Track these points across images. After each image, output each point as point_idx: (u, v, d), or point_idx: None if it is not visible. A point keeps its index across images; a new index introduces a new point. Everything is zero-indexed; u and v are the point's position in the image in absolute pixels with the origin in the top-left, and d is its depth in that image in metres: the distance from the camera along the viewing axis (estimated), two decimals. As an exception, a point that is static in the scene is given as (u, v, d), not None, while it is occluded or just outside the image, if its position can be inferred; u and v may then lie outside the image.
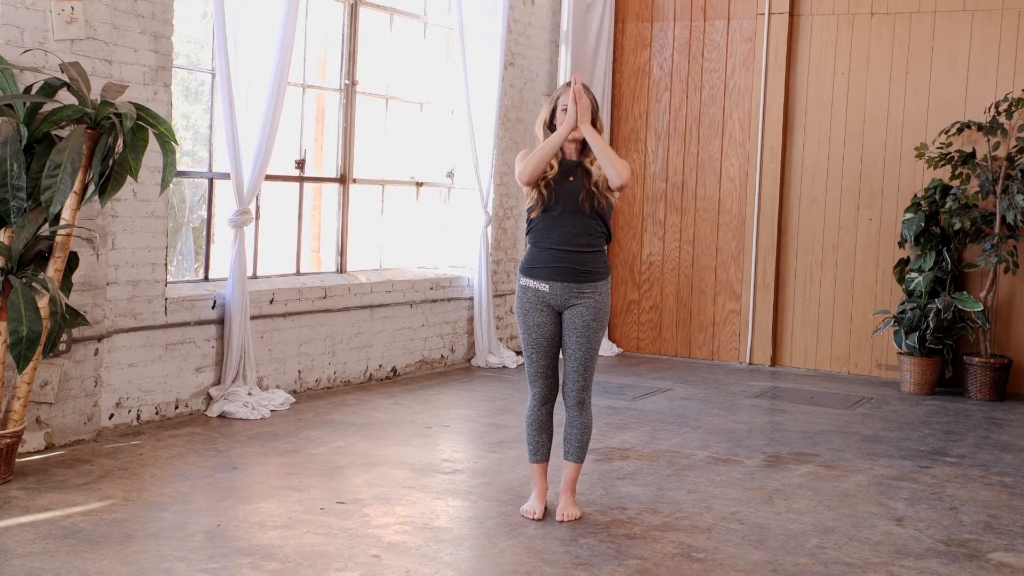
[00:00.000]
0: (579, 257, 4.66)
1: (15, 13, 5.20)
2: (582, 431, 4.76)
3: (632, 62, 9.79)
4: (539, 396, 4.78)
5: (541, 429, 4.82)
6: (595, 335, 4.71)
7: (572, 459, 4.77)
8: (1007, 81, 8.43)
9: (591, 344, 4.70)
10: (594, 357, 4.73)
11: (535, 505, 4.77)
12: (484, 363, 8.64)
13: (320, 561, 4.06)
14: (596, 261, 4.71)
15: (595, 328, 4.70)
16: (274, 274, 7.28)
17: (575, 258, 4.66)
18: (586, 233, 4.66)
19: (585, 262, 4.67)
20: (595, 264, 4.71)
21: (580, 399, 4.74)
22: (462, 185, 8.85)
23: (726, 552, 4.37)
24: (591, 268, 4.69)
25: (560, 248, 4.66)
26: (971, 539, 4.67)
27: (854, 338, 9.01)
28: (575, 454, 4.77)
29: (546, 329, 4.71)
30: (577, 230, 4.66)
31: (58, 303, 4.91)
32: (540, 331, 4.70)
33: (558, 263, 4.67)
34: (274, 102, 6.61)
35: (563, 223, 4.66)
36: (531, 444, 4.82)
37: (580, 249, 4.66)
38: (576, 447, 4.76)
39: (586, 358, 4.70)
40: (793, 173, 9.20)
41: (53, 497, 4.70)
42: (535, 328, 4.71)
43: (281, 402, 6.70)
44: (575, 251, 4.66)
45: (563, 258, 4.66)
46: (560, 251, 4.66)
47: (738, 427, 6.81)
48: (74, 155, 4.90)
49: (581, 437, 4.76)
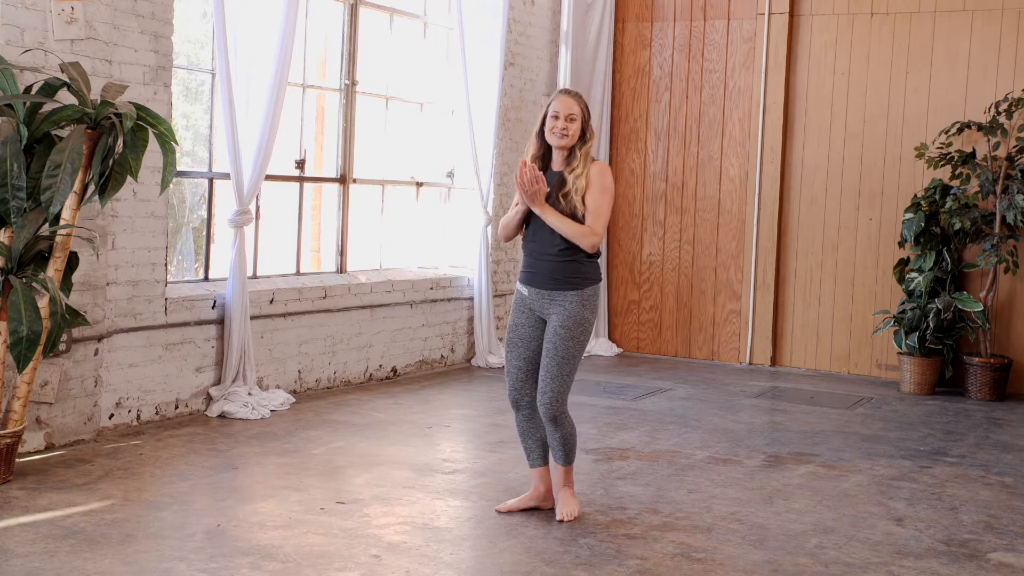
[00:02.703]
0: (550, 265, 4.63)
1: (15, 13, 5.20)
2: (563, 442, 4.69)
3: (632, 62, 9.79)
4: (510, 397, 4.77)
5: (525, 436, 4.84)
6: (563, 344, 4.58)
7: (560, 463, 4.75)
8: (1007, 81, 8.43)
9: (558, 352, 4.58)
10: (563, 368, 4.59)
11: (510, 501, 4.88)
12: (484, 363, 8.64)
13: (320, 561, 4.06)
14: (569, 270, 4.63)
15: (563, 336, 4.58)
16: (274, 274, 7.28)
17: (546, 266, 4.64)
18: (556, 243, 4.61)
19: (555, 271, 4.63)
20: (567, 273, 4.62)
21: (551, 414, 4.61)
22: (462, 185, 8.85)
23: (726, 552, 4.37)
24: (561, 277, 4.62)
25: (535, 255, 4.69)
26: (971, 539, 4.67)
27: (854, 338, 9.01)
28: (562, 459, 4.73)
29: (522, 331, 4.73)
30: (548, 238, 4.63)
31: (58, 303, 4.91)
32: (516, 331, 4.74)
33: (533, 269, 4.69)
34: (274, 102, 6.61)
35: (538, 231, 4.67)
36: (523, 449, 4.90)
37: (551, 258, 4.63)
38: (561, 453, 4.72)
39: (553, 366, 4.58)
40: (793, 173, 9.20)
41: (53, 497, 4.70)
42: (512, 327, 4.77)
43: (281, 402, 6.70)
44: (547, 259, 4.64)
45: (537, 265, 4.68)
46: (535, 258, 4.69)
47: (738, 427, 6.81)
48: (74, 155, 4.90)
49: (563, 445, 4.70)
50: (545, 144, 4.71)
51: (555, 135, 4.62)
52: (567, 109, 4.61)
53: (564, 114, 4.60)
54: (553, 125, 4.62)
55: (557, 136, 4.61)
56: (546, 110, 4.67)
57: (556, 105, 4.63)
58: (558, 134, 4.61)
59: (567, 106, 4.62)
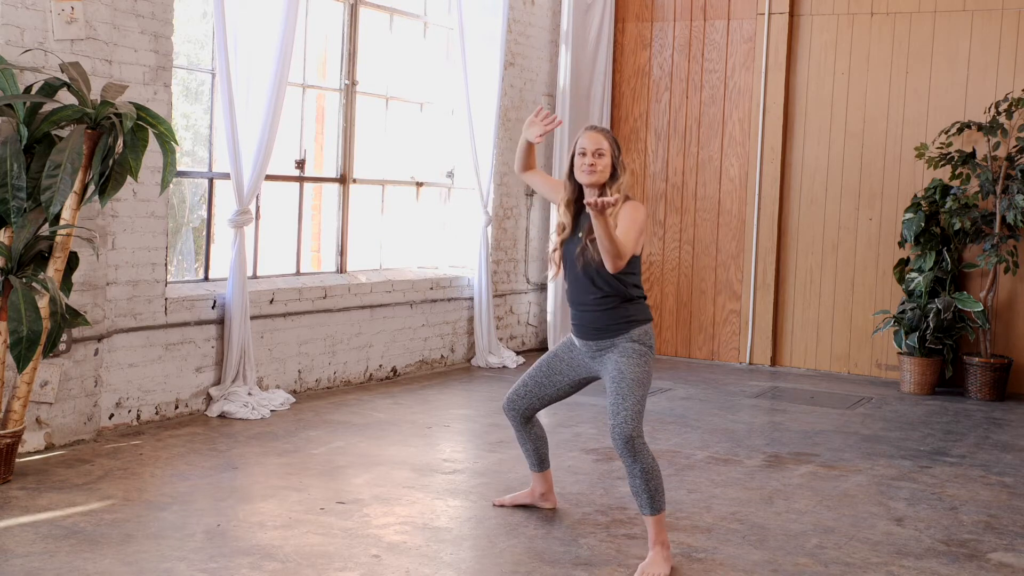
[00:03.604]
0: (591, 315, 4.38)
1: (15, 13, 5.20)
2: (644, 478, 4.16)
3: (632, 62, 9.79)
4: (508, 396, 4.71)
5: (522, 441, 4.82)
6: (629, 368, 4.27)
7: (646, 511, 4.20)
8: (1007, 81, 8.43)
9: (624, 376, 4.25)
10: (635, 389, 4.23)
11: (507, 496, 4.89)
12: (484, 363, 8.64)
13: (320, 561, 4.06)
14: (611, 317, 4.34)
15: (625, 363, 4.28)
16: (274, 274, 7.29)
17: (588, 317, 4.40)
18: (589, 291, 4.36)
19: (597, 320, 4.37)
20: (610, 320, 4.34)
21: (626, 435, 4.14)
22: (462, 185, 8.85)
23: (726, 552, 4.37)
24: (604, 326, 4.35)
25: (575, 306, 4.45)
26: (971, 539, 4.67)
27: (854, 338, 9.01)
28: (648, 505, 4.18)
29: (558, 363, 4.59)
30: (582, 287, 4.39)
31: (58, 303, 4.91)
32: (552, 357, 4.62)
33: (577, 321, 4.46)
34: (274, 102, 6.61)
35: (572, 281, 4.45)
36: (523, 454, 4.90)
37: (590, 307, 4.38)
38: (646, 497, 4.17)
39: (623, 388, 4.23)
40: (793, 173, 9.20)
41: (53, 497, 4.70)
42: (552, 353, 4.65)
43: (281, 402, 6.70)
44: (587, 309, 4.39)
45: (580, 316, 4.44)
46: (577, 309, 4.45)
47: (738, 427, 6.81)
48: (74, 155, 4.90)
49: (646, 483, 4.16)
50: (577, 186, 4.45)
51: (584, 172, 4.35)
52: (594, 144, 4.35)
53: (591, 150, 4.34)
54: (580, 162, 4.36)
55: (586, 173, 4.34)
56: (573, 149, 4.42)
57: (583, 141, 4.38)
58: (587, 171, 4.34)
59: (594, 141, 4.36)
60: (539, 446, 4.80)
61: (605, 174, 4.36)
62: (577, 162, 4.39)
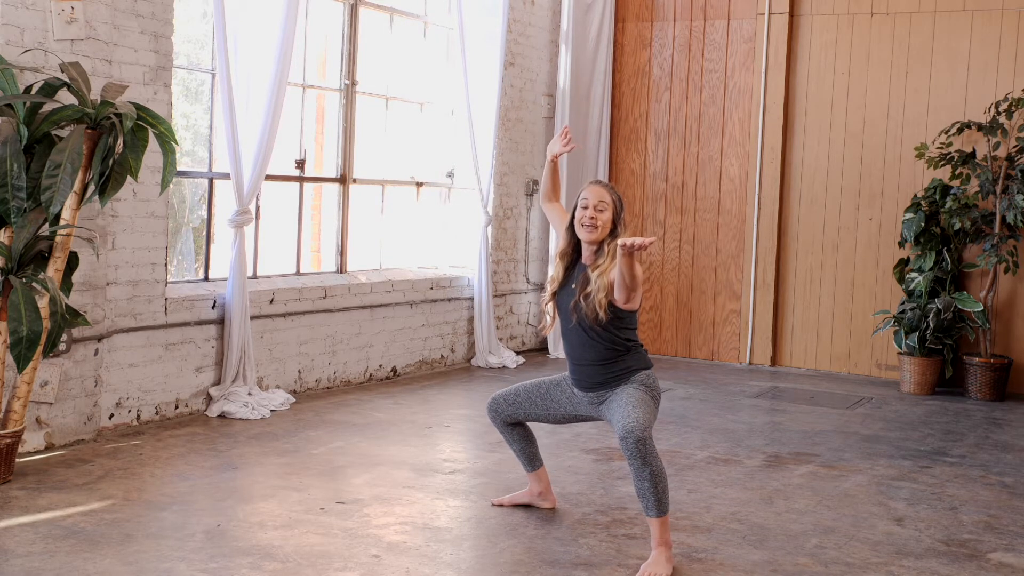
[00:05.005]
0: (589, 370, 4.37)
1: (15, 13, 5.20)
2: (652, 481, 4.10)
3: (632, 62, 9.79)
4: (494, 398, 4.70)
5: (508, 442, 4.82)
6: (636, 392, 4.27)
7: (652, 514, 4.14)
8: (1007, 81, 8.43)
9: (632, 396, 4.25)
10: (645, 403, 4.23)
11: (505, 496, 4.90)
12: (484, 363, 8.64)
13: (320, 561, 4.06)
14: (609, 371, 4.33)
15: (630, 391, 4.28)
16: (274, 274, 7.29)
17: (586, 371, 4.38)
18: (586, 347, 4.32)
19: (596, 374, 4.36)
20: (608, 374, 4.34)
21: (637, 435, 4.06)
22: (462, 185, 8.85)
23: (726, 552, 4.37)
24: (603, 379, 4.35)
25: (572, 361, 4.42)
26: (971, 539, 4.67)
27: (854, 338, 9.01)
28: (654, 507, 4.12)
29: (556, 392, 4.57)
30: (578, 342, 4.36)
31: (58, 303, 4.91)
32: (553, 385, 4.60)
33: (576, 375, 4.45)
34: (274, 102, 6.61)
35: (567, 334, 4.41)
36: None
37: (588, 364, 4.36)
38: (653, 500, 4.11)
39: (633, 399, 4.22)
40: (793, 173, 9.20)
41: (53, 497, 4.70)
42: (554, 380, 4.61)
43: (281, 402, 6.70)
44: (585, 365, 4.37)
45: (578, 371, 4.42)
46: (574, 363, 4.41)
47: (738, 427, 6.81)
48: (74, 155, 4.90)
49: (654, 486, 4.10)
50: (575, 239, 4.39)
51: (584, 228, 4.28)
52: (597, 198, 4.28)
53: (593, 203, 4.26)
54: (581, 215, 4.28)
55: (586, 229, 4.27)
56: (576, 200, 4.34)
57: (586, 194, 4.30)
58: (587, 225, 4.27)
59: (597, 195, 4.28)
60: (525, 445, 4.79)
61: (605, 230, 4.29)
62: (578, 214, 4.31)
